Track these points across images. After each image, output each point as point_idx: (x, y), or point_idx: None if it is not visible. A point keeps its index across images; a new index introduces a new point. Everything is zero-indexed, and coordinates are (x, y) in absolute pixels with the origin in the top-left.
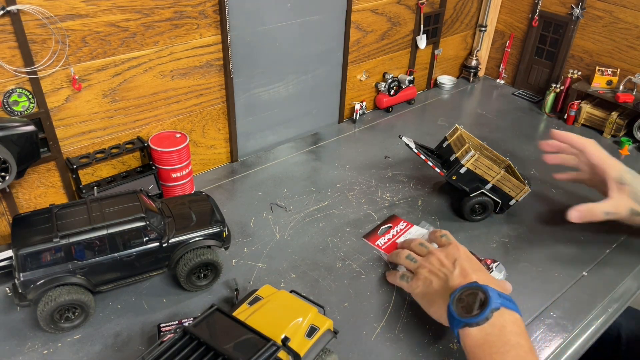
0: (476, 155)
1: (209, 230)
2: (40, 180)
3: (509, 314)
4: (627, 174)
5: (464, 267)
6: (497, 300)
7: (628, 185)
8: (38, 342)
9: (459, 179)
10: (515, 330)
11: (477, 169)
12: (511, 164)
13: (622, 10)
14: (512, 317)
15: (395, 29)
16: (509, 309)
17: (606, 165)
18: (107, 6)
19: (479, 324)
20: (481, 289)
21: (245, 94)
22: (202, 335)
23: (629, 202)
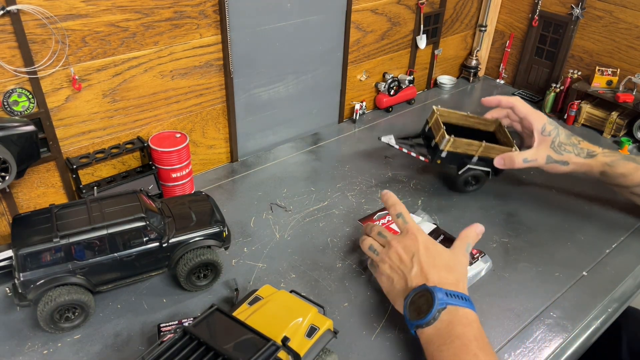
0: (451, 140)
1: (209, 230)
2: (40, 180)
3: (457, 310)
4: (549, 125)
5: (422, 264)
6: (442, 300)
7: (549, 136)
8: (38, 342)
9: (443, 162)
10: (462, 321)
11: (457, 149)
12: (501, 123)
13: (622, 10)
14: (460, 312)
15: (395, 29)
16: (458, 306)
17: (532, 117)
18: (107, 6)
19: (429, 324)
20: (428, 290)
21: (245, 94)
22: (202, 335)
23: (547, 151)
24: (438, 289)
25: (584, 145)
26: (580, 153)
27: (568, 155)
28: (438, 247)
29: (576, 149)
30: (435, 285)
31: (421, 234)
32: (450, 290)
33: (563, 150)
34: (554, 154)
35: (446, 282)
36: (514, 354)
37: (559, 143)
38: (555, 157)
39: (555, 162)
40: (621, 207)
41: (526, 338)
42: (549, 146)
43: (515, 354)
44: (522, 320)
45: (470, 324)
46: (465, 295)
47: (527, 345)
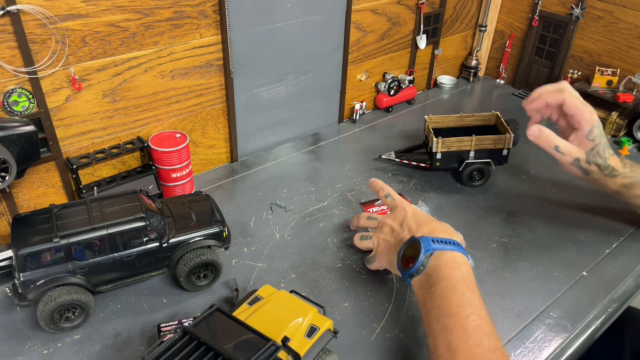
0: (440, 140)
1: (209, 230)
2: (40, 180)
3: (445, 254)
4: (596, 129)
5: (410, 225)
6: (429, 246)
7: (592, 141)
8: (38, 342)
9: (442, 164)
10: (449, 264)
11: (451, 148)
12: (498, 114)
13: (622, 10)
14: (448, 255)
15: (395, 29)
16: (445, 250)
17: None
18: (107, 6)
19: (419, 272)
20: (416, 240)
21: (245, 94)
22: (202, 335)
23: (581, 154)
24: (425, 237)
25: (613, 162)
26: (605, 170)
27: (593, 168)
28: (423, 213)
29: (604, 165)
30: (423, 235)
31: (409, 205)
32: (439, 237)
33: (593, 162)
34: (583, 161)
35: (437, 231)
36: (514, 354)
37: (596, 153)
38: (583, 164)
39: (580, 167)
40: (621, 207)
41: (526, 338)
42: (586, 151)
43: (515, 354)
44: (522, 320)
45: (457, 266)
46: (453, 241)
47: (527, 345)
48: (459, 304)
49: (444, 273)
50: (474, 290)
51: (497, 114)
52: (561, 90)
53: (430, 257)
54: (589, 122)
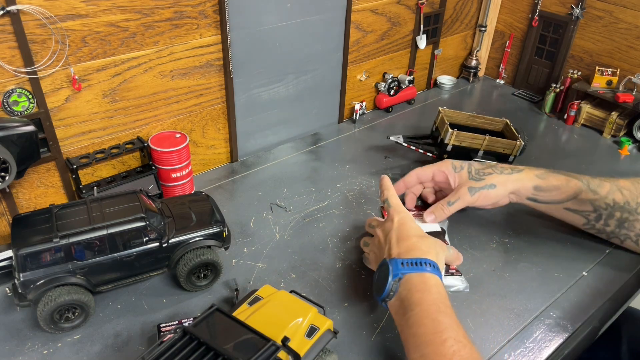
0: (455, 132)
1: (209, 230)
2: (40, 181)
3: (414, 277)
4: (457, 162)
5: (391, 240)
6: (396, 270)
7: (462, 169)
8: (38, 342)
9: (450, 157)
10: (419, 288)
11: (462, 143)
12: (508, 122)
13: (622, 10)
14: (418, 279)
15: (395, 29)
16: (413, 273)
17: (436, 168)
18: (107, 6)
19: (390, 297)
20: (385, 264)
21: (245, 94)
22: (202, 335)
23: (468, 183)
24: (394, 260)
25: (505, 166)
26: (503, 171)
27: (490, 177)
28: (412, 223)
29: (497, 169)
30: (393, 257)
31: (399, 212)
32: (410, 258)
33: (483, 175)
34: (475, 183)
35: (410, 250)
36: (514, 354)
37: (476, 171)
38: (477, 185)
39: (480, 189)
40: None
41: (526, 338)
42: (467, 179)
43: (515, 354)
44: (522, 320)
45: (427, 290)
46: (426, 260)
47: (527, 345)
48: (434, 330)
49: (416, 298)
50: (448, 313)
51: (506, 122)
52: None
53: (399, 282)
54: (447, 164)
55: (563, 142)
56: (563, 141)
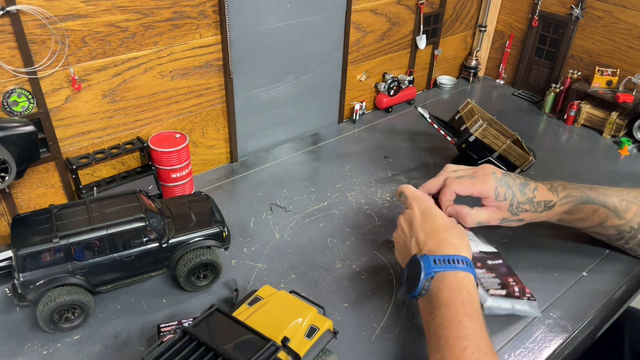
0: (484, 125)
1: (208, 230)
2: (40, 181)
3: (447, 275)
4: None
5: (418, 233)
6: (429, 269)
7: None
8: (38, 343)
9: (468, 147)
10: (449, 287)
11: (484, 138)
12: (519, 138)
13: (622, 10)
14: (450, 277)
15: (395, 29)
16: (446, 272)
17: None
18: (106, 6)
19: (421, 295)
20: (416, 260)
21: (245, 94)
22: (201, 335)
23: (504, 214)
24: (426, 257)
25: (541, 196)
26: (537, 208)
27: (524, 215)
28: (436, 211)
29: (533, 205)
30: (426, 254)
31: (418, 200)
32: (443, 255)
33: (520, 210)
34: (510, 216)
35: (442, 244)
36: (514, 354)
37: (517, 205)
38: (511, 218)
39: (510, 221)
40: None
41: (526, 338)
42: (506, 210)
43: (515, 354)
44: (522, 321)
45: (458, 290)
46: (460, 257)
47: (527, 345)
48: (457, 335)
49: (444, 298)
50: (474, 317)
51: (518, 137)
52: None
53: (431, 280)
54: (489, 189)
55: (563, 142)
56: (563, 141)
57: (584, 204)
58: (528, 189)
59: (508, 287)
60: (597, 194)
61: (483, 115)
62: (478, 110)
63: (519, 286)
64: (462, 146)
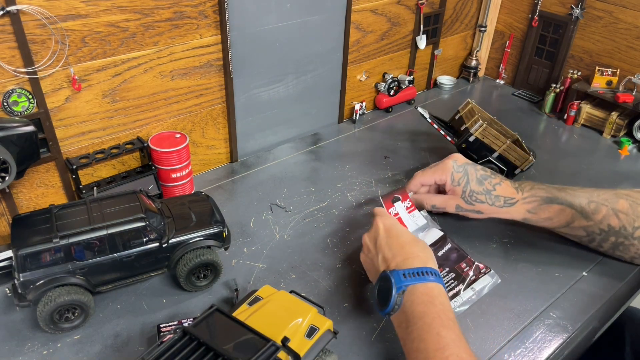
0: (484, 125)
1: (208, 230)
2: (40, 181)
3: (418, 288)
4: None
5: (383, 249)
6: (400, 282)
7: (458, 185)
8: (38, 343)
9: (468, 147)
10: (422, 299)
11: (484, 138)
12: (519, 138)
13: (622, 10)
14: (420, 290)
15: (395, 29)
16: (417, 284)
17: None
18: (106, 6)
19: (395, 310)
20: (386, 276)
21: (245, 94)
22: (201, 335)
23: (457, 201)
24: (395, 272)
25: (501, 191)
26: (495, 202)
27: (480, 206)
28: (399, 227)
29: (490, 197)
30: (394, 269)
31: (382, 217)
32: (410, 268)
33: (474, 200)
34: (464, 204)
35: (408, 259)
36: (513, 354)
37: (470, 192)
38: (465, 206)
39: (466, 211)
40: None
41: (526, 338)
42: (459, 196)
43: (515, 354)
44: (522, 321)
45: (431, 301)
46: (428, 269)
47: (527, 345)
48: (436, 346)
49: (419, 311)
50: (450, 326)
51: (517, 137)
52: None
53: (403, 294)
54: (447, 174)
55: (563, 142)
56: (563, 141)
57: (549, 204)
58: (488, 181)
59: (463, 276)
60: (564, 194)
61: (483, 115)
62: (478, 110)
63: (473, 268)
64: (462, 146)
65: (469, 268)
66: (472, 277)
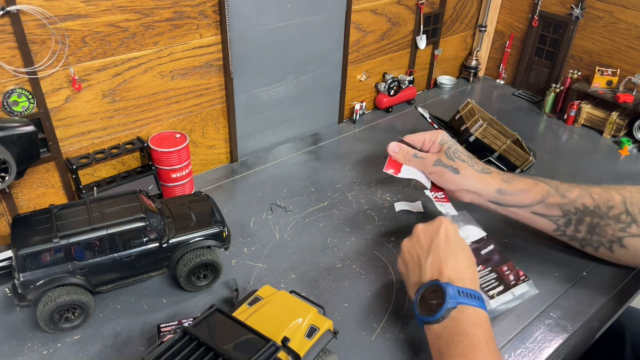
0: (484, 125)
1: (208, 230)
2: (40, 181)
3: (467, 309)
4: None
5: (439, 253)
6: (453, 299)
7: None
8: (38, 343)
9: (468, 147)
10: (472, 321)
11: (484, 138)
12: (519, 138)
13: (622, 10)
14: (470, 311)
15: (395, 29)
16: (469, 305)
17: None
18: (107, 6)
19: (438, 321)
20: (440, 287)
21: (245, 94)
22: (202, 335)
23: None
24: (450, 285)
25: (481, 163)
26: (475, 166)
27: (460, 163)
28: (459, 238)
29: (471, 161)
30: (448, 282)
31: (446, 220)
32: (463, 287)
33: (456, 157)
34: (445, 158)
35: (461, 278)
36: (514, 354)
37: (455, 150)
38: (446, 161)
39: (445, 166)
40: None
41: (526, 338)
42: (443, 152)
43: (515, 354)
44: (522, 321)
45: (480, 325)
46: (478, 294)
47: (527, 345)
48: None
49: (467, 330)
50: (496, 354)
51: (518, 137)
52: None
53: (452, 310)
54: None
55: (563, 143)
56: (563, 141)
57: (524, 177)
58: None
59: (504, 279)
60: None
61: (483, 116)
62: (478, 110)
63: (513, 272)
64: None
65: (509, 272)
66: (512, 282)
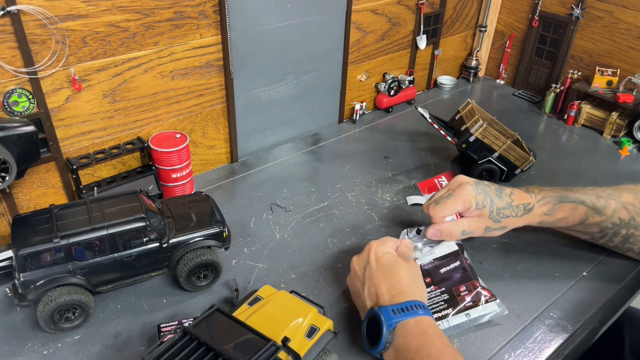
0: (484, 125)
1: (209, 230)
2: (40, 181)
3: (408, 322)
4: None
5: (371, 280)
6: (389, 320)
7: (485, 207)
8: (38, 343)
9: (468, 147)
10: (415, 332)
11: (485, 138)
12: (519, 138)
13: (622, 10)
14: (411, 324)
15: (395, 29)
16: (407, 319)
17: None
18: (107, 6)
19: (386, 348)
20: (375, 314)
21: (245, 94)
22: (202, 335)
23: (486, 222)
24: (384, 309)
25: (518, 199)
26: (517, 212)
27: (506, 221)
28: (390, 257)
29: (512, 210)
30: (382, 305)
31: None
32: (398, 304)
33: (501, 217)
34: (492, 224)
35: (402, 292)
36: (514, 354)
37: (497, 210)
38: (494, 226)
39: (493, 230)
40: None
41: (526, 338)
42: (487, 217)
43: (515, 354)
44: (522, 321)
45: (424, 332)
46: (418, 303)
47: (527, 345)
48: None
49: (414, 344)
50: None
51: (518, 137)
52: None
53: (394, 331)
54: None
55: (563, 143)
56: (563, 141)
57: (563, 203)
58: (504, 193)
59: (457, 299)
60: (573, 193)
61: (483, 116)
62: (478, 111)
63: (473, 294)
64: (462, 146)
65: (467, 293)
66: (468, 303)
